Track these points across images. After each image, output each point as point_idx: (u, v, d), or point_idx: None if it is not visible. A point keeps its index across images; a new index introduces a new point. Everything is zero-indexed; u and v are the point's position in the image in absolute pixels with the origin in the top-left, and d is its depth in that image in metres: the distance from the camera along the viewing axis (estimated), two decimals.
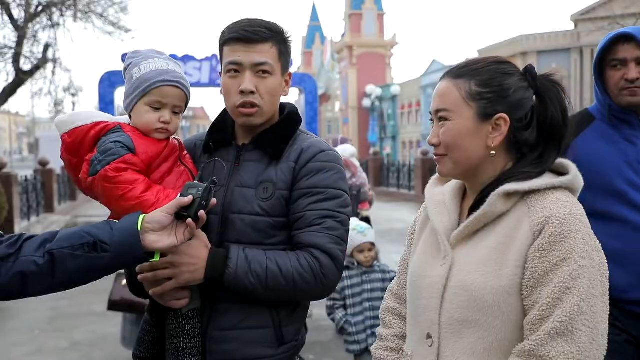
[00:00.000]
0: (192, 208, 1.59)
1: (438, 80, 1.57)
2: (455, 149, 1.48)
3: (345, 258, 1.81)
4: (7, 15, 15.75)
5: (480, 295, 1.38)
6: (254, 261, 1.69)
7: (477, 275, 1.40)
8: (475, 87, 1.47)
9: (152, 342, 1.83)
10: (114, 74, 21.29)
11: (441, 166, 1.54)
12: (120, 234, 1.54)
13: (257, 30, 1.76)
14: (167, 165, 1.79)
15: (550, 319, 1.31)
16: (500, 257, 1.39)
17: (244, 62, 1.76)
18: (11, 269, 1.47)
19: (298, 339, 1.83)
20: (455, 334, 1.43)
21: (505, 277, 1.37)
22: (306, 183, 1.76)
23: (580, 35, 33.13)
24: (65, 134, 1.76)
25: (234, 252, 1.70)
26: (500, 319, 1.38)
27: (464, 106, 1.47)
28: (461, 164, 1.49)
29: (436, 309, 1.47)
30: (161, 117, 1.77)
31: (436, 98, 1.53)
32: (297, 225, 1.75)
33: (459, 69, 1.52)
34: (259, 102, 1.77)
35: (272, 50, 1.78)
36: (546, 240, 1.34)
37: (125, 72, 1.83)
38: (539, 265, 1.34)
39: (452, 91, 1.49)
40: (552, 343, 1.30)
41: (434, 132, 1.53)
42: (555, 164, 1.49)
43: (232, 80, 1.78)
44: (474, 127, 1.46)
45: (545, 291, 1.33)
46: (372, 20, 52.61)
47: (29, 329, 6.28)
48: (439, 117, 1.51)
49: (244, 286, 1.68)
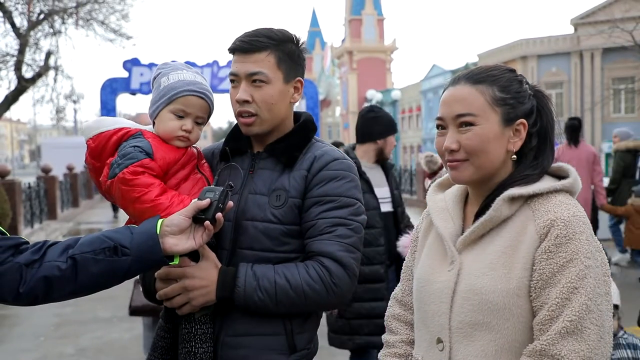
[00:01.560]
0: (210, 211, 1.63)
1: (438, 84, 1.58)
2: (481, 154, 1.48)
3: (359, 266, 1.79)
4: (9, 23, 15.77)
5: (491, 298, 1.41)
6: (262, 277, 1.70)
7: (486, 278, 1.43)
8: (499, 92, 1.49)
9: (165, 347, 1.85)
10: (116, 80, 21.39)
11: (458, 172, 1.51)
12: (139, 237, 1.57)
13: (252, 40, 1.79)
14: (184, 172, 1.83)
15: (560, 319, 1.34)
16: (508, 260, 1.42)
17: (239, 72, 1.80)
18: (36, 274, 1.51)
19: (310, 347, 1.84)
20: (467, 337, 1.45)
21: (514, 280, 1.40)
22: (318, 191, 1.78)
23: (580, 39, 33.10)
24: (90, 139, 1.82)
25: (241, 270, 1.72)
26: (511, 321, 1.40)
27: (489, 111, 1.48)
28: (484, 169, 1.49)
29: (446, 314, 1.48)
30: (183, 125, 1.82)
31: (455, 103, 1.50)
32: (309, 234, 1.76)
33: (478, 75, 1.52)
34: (256, 110, 1.80)
35: (269, 58, 1.79)
36: (552, 242, 1.38)
37: (153, 81, 1.90)
38: (546, 267, 1.38)
39: (476, 96, 1.48)
40: (562, 342, 1.33)
41: (452, 138, 1.49)
42: (553, 167, 1.54)
43: (233, 90, 1.83)
44: (499, 132, 1.48)
45: (554, 292, 1.36)
46: (372, 25, 52.66)
47: (34, 336, 6.30)
48: (461, 122, 1.48)
49: (254, 302, 1.71)
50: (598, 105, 28.45)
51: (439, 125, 1.54)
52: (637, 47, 19.81)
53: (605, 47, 29.21)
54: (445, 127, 1.52)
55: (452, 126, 1.50)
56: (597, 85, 32.35)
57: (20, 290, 1.51)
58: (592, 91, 32.30)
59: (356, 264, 1.77)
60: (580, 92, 33.71)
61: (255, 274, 1.71)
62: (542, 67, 34.43)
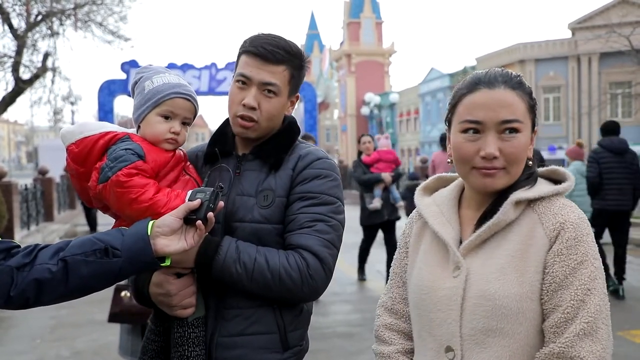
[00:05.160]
0: (201, 211, 1.63)
1: (437, 87, 1.57)
2: (520, 162, 1.46)
3: (335, 263, 1.81)
4: (6, 24, 15.79)
5: (504, 303, 1.39)
6: (243, 252, 1.72)
7: (497, 283, 1.41)
8: (530, 100, 1.49)
9: (156, 350, 1.85)
10: (113, 82, 21.35)
11: (495, 180, 1.45)
12: (130, 239, 1.57)
13: (274, 50, 1.80)
14: (173, 175, 1.83)
15: (577, 320, 1.35)
16: (519, 264, 1.41)
17: (253, 77, 1.81)
18: (27, 277, 1.51)
19: (302, 344, 1.86)
20: (479, 344, 1.42)
21: (527, 284, 1.40)
22: (301, 188, 1.81)
23: (578, 44, 33.21)
24: (73, 144, 1.79)
25: (226, 241, 1.74)
26: (524, 325, 1.40)
27: (528, 118, 1.47)
28: (516, 176, 1.47)
29: (456, 321, 1.45)
30: (172, 127, 1.82)
31: (501, 108, 1.43)
32: (289, 228, 1.79)
33: (514, 80, 1.48)
34: (258, 117, 1.82)
35: (285, 73, 1.82)
36: (564, 245, 1.39)
37: (135, 86, 1.88)
38: (558, 270, 1.38)
39: (519, 102, 1.45)
40: (580, 344, 1.34)
41: (494, 144, 1.43)
42: (546, 170, 1.55)
43: (238, 91, 1.83)
44: (529, 139, 1.49)
45: (567, 294, 1.37)
46: (370, 29, 52.79)
47: (30, 338, 6.29)
48: (506, 128, 1.43)
49: (230, 274, 1.71)
50: (595, 109, 28.55)
51: (470, 129, 1.46)
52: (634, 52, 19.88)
53: (602, 51, 29.32)
54: (480, 132, 1.45)
55: (494, 131, 1.44)
56: (595, 89, 32.48)
57: (11, 294, 1.50)
58: (589, 95, 32.41)
59: (332, 260, 1.79)
60: (578, 96, 33.83)
61: (238, 247, 1.73)
62: (539, 71, 34.54)
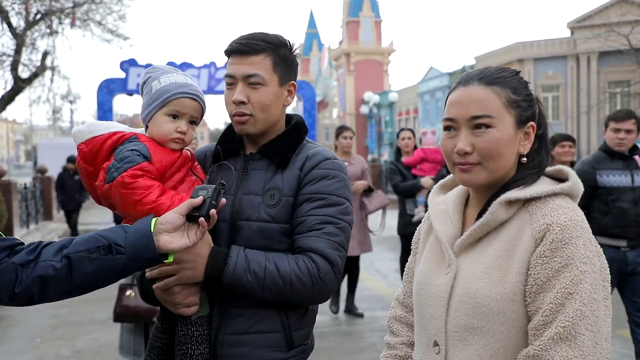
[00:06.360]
0: (203, 208, 1.64)
1: (436, 86, 1.56)
2: (496, 157, 1.46)
3: (344, 264, 1.83)
4: (5, 23, 15.77)
5: (486, 302, 1.40)
6: (253, 261, 1.73)
7: (481, 282, 1.42)
8: (512, 94, 1.48)
9: (162, 348, 1.87)
10: (112, 81, 21.31)
11: (471, 175, 1.48)
12: (133, 236, 1.58)
13: (249, 42, 1.82)
14: (179, 175, 1.84)
15: (554, 324, 1.33)
16: (504, 265, 1.41)
17: (236, 74, 1.83)
18: (31, 274, 1.51)
19: (307, 343, 1.86)
20: (462, 341, 1.45)
21: (509, 284, 1.40)
22: (309, 189, 1.81)
23: (577, 43, 33.22)
24: (83, 143, 1.82)
25: (234, 251, 1.74)
26: (506, 325, 1.40)
27: (505, 113, 1.46)
28: (497, 172, 1.47)
29: (442, 317, 1.48)
30: (178, 127, 1.84)
31: (471, 104, 1.46)
32: (298, 230, 1.79)
33: (491, 76, 1.49)
34: (250, 111, 1.83)
35: (265, 61, 1.83)
36: (547, 247, 1.36)
37: (143, 86, 1.90)
38: (541, 272, 1.36)
39: (492, 97, 1.46)
40: (555, 348, 1.32)
41: (466, 140, 1.46)
42: (553, 170, 1.53)
43: (228, 92, 1.86)
44: (513, 135, 1.47)
45: (548, 297, 1.35)
46: (369, 28, 52.75)
47: (30, 337, 6.29)
48: (476, 124, 1.45)
49: (242, 284, 1.72)
50: (594, 108, 28.58)
51: (448, 127, 1.50)
52: (633, 51, 19.90)
53: (601, 50, 29.33)
54: (455, 129, 1.49)
55: (466, 128, 1.47)
56: (594, 88, 32.49)
57: (15, 290, 1.51)
58: (588, 94, 32.42)
59: (342, 262, 1.80)
60: (577, 95, 33.83)
61: (247, 256, 1.73)
62: (538, 70, 34.54)
